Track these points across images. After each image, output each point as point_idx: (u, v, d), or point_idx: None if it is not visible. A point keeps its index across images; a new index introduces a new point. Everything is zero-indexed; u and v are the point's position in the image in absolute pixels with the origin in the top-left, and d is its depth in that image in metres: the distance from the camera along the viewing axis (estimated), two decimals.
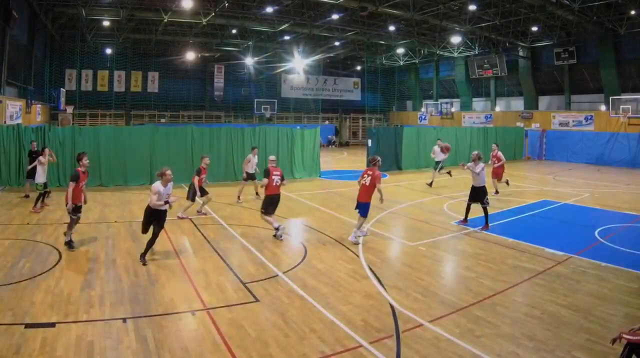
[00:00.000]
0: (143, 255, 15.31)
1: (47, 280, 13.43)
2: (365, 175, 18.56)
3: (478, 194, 21.19)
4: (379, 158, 19.26)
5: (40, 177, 23.22)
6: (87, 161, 17.17)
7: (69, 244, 16.46)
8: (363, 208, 18.46)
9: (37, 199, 23.21)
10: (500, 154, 29.91)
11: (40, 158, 23.35)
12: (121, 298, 12.34)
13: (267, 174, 18.87)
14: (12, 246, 16.65)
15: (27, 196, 25.81)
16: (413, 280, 14.11)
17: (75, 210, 16.59)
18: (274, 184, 18.87)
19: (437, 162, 33.59)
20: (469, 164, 21.39)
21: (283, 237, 18.72)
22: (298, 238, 18.80)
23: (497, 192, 29.22)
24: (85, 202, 17.44)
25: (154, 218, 15.57)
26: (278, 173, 19.07)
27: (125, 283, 13.29)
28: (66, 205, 16.24)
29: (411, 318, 11.41)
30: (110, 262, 15.36)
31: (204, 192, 22.51)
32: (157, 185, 15.30)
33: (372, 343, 10.13)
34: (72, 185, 16.21)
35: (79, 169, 16.73)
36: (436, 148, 33.97)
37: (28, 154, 26.60)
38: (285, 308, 11.91)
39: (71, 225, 16.61)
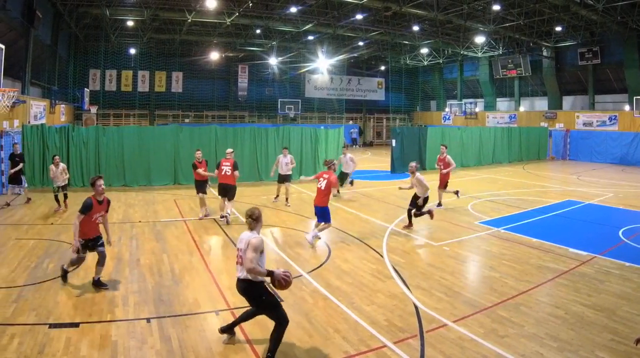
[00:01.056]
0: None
1: (71, 280, 13.55)
2: (321, 179, 18.26)
3: (414, 198, 20.62)
4: (335, 161, 19.24)
5: (58, 180, 23.00)
6: (102, 186, 13.26)
7: (64, 273, 13.51)
8: (322, 213, 18.21)
9: (57, 200, 23.28)
10: (449, 158, 25.66)
11: (52, 166, 22.98)
12: (145, 298, 12.44)
13: (217, 165, 21.75)
14: (36, 246, 16.83)
15: (7, 204, 24.23)
16: (437, 280, 14.13)
17: (85, 247, 13.13)
18: (223, 173, 21.12)
19: (345, 174, 29.23)
20: (413, 180, 20.54)
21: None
22: (322, 238, 18.76)
23: (439, 205, 25.07)
24: (108, 242, 13.79)
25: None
26: (228, 163, 21.31)
27: (149, 283, 13.40)
28: (74, 243, 12.83)
29: (435, 318, 11.42)
30: (134, 261, 15.49)
31: (200, 189, 22.49)
32: (255, 238, 9.74)
33: (396, 343, 10.16)
34: (80, 217, 12.81)
35: (93, 196, 13.13)
36: (343, 158, 29.38)
37: (9, 157, 25.07)
38: (309, 308, 11.98)
39: (73, 262, 13.33)
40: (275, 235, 19.61)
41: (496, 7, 43.91)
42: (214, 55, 65.14)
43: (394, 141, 40.32)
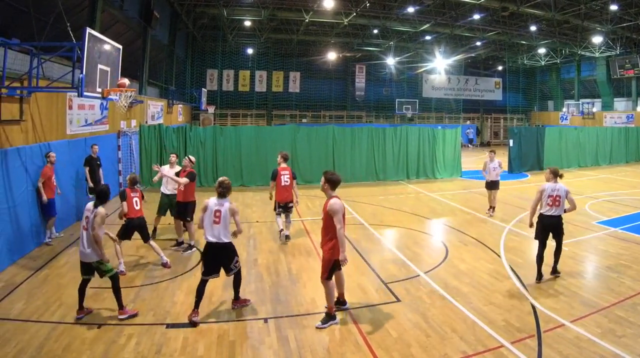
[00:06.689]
0: None
1: (188, 280, 13.97)
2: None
3: None
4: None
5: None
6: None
7: None
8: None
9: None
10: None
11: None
12: (262, 298, 12.70)
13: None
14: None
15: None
16: (554, 279, 14.05)
17: None
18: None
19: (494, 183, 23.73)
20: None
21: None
22: (439, 238, 18.80)
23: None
24: None
25: None
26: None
27: (267, 283, 13.68)
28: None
29: (552, 318, 11.39)
30: (252, 261, 15.79)
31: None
32: None
33: (513, 343, 10.17)
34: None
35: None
36: (490, 163, 23.76)
37: (85, 163, 21.10)
38: (426, 308, 12.01)
39: None
40: (393, 235, 19.80)
41: (613, 7, 43.03)
42: (332, 55, 65.71)
43: (511, 141, 39.89)
